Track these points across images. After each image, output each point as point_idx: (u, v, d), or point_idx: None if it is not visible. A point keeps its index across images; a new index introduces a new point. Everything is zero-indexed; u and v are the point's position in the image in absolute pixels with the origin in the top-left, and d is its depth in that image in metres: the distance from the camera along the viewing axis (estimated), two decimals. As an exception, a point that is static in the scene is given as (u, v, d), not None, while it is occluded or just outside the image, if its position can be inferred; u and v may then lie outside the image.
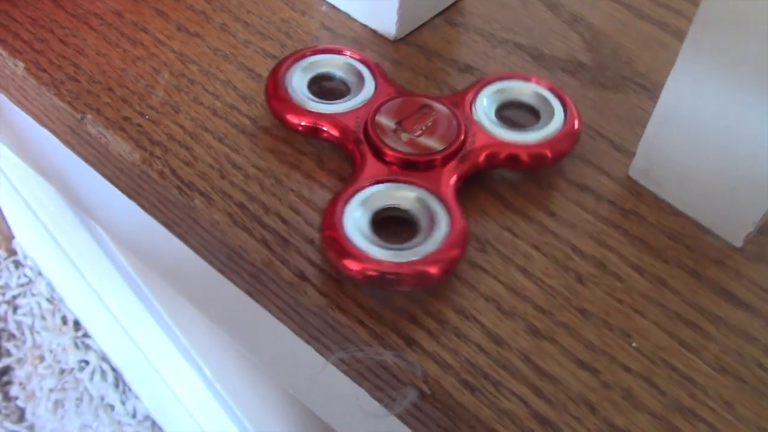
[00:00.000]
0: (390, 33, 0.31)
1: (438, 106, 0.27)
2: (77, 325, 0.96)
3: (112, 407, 0.94)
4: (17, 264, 0.99)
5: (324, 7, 0.33)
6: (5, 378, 0.95)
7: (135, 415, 0.94)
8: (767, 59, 0.22)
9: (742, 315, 0.24)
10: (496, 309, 0.24)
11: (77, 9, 0.32)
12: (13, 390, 0.94)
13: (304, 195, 0.26)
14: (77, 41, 0.30)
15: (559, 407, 0.22)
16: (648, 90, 0.31)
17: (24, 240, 0.97)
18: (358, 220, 0.24)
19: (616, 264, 0.25)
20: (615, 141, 0.29)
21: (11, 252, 0.99)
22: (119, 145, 0.27)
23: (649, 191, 0.27)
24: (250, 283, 0.26)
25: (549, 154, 0.27)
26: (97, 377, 0.94)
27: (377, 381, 0.24)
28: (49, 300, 0.97)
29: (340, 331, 0.24)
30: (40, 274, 0.98)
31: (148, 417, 0.94)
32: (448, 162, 0.26)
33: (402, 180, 0.25)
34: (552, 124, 0.27)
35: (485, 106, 0.28)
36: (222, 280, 0.28)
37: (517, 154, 0.26)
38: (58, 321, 0.96)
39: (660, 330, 0.24)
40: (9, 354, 0.95)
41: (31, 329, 0.96)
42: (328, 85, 0.29)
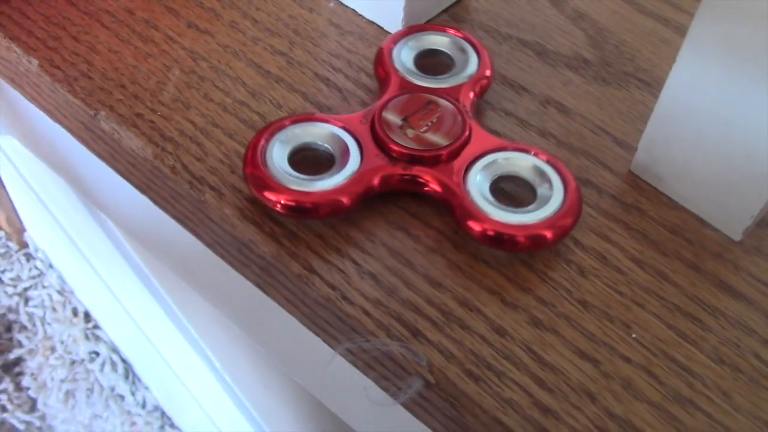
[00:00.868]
0: (397, 29, 0.32)
1: (443, 102, 0.28)
2: (87, 317, 0.97)
3: (122, 398, 0.95)
4: (28, 256, 0.99)
5: (331, 4, 0.33)
6: (17, 369, 0.96)
7: (145, 406, 0.95)
8: (766, 55, 0.22)
9: (740, 307, 0.25)
10: (499, 301, 0.24)
11: (90, 7, 0.32)
12: (25, 380, 0.95)
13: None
14: (90, 39, 0.31)
15: (560, 396, 0.23)
16: (650, 86, 0.31)
17: (35, 233, 0.98)
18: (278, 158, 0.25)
19: (617, 257, 0.26)
20: (617, 137, 0.29)
21: (23, 245, 1.00)
22: (132, 141, 0.28)
23: (650, 186, 0.28)
24: (259, 276, 0.27)
25: (549, 235, 0.25)
26: (108, 368, 0.95)
27: (384, 371, 0.24)
28: (60, 292, 0.98)
29: (347, 322, 0.24)
30: (51, 266, 0.99)
31: (157, 407, 0.95)
32: (453, 157, 0.26)
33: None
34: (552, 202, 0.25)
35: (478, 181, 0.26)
36: (232, 273, 0.28)
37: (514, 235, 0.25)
38: (68, 313, 0.97)
39: (660, 322, 0.24)
40: (21, 345, 0.96)
41: (43, 321, 0.97)
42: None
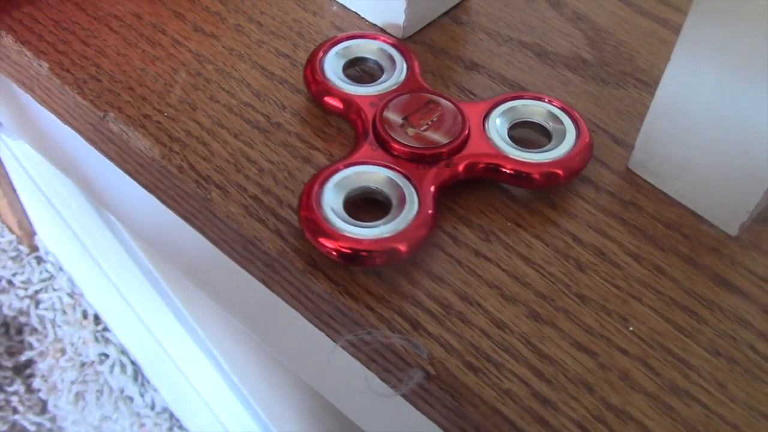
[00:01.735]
0: (398, 31, 0.32)
1: (444, 102, 0.28)
2: (97, 319, 0.98)
3: (131, 399, 0.95)
4: (39, 260, 1.00)
5: (335, 7, 0.34)
6: (28, 371, 0.97)
7: (153, 407, 0.95)
8: (760, 52, 0.23)
9: (736, 300, 0.25)
10: (498, 295, 0.25)
11: (98, 11, 0.33)
12: (36, 382, 0.96)
13: (315, 188, 0.27)
14: (98, 42, 0.32)
15: (558, 387, 0.23)
16: (648, 85, 0.32)
17: (46, 236, 0.99)
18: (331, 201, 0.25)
19: (614, 252, 0.26)
20: (616, 135, 0.30)
21: (33, 248, 1.01)
22: (140, 142, 0.28)
23: (648, 183, 0.28)
24: (264, 272, 0.27)
25: (561, 173, 0.27)
26: (117, 370, 0.95)
27: (385, 363, 0.25)
28: (70, 295, 0.99)
29: (349, 316, 0.25)
30: (61, 269, 1.00)
31: (166, 409, 0.95)
32: (452, 155, 0.27)
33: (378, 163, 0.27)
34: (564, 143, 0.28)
35: (498, 125, 0.28)
36: (238, 270, 0.29)
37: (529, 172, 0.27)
38: (78, 315, 0.98)
39: (656, 315, 0.25)
40: (31, 347, 0.97)
41: (53, 323, 0.98)
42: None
